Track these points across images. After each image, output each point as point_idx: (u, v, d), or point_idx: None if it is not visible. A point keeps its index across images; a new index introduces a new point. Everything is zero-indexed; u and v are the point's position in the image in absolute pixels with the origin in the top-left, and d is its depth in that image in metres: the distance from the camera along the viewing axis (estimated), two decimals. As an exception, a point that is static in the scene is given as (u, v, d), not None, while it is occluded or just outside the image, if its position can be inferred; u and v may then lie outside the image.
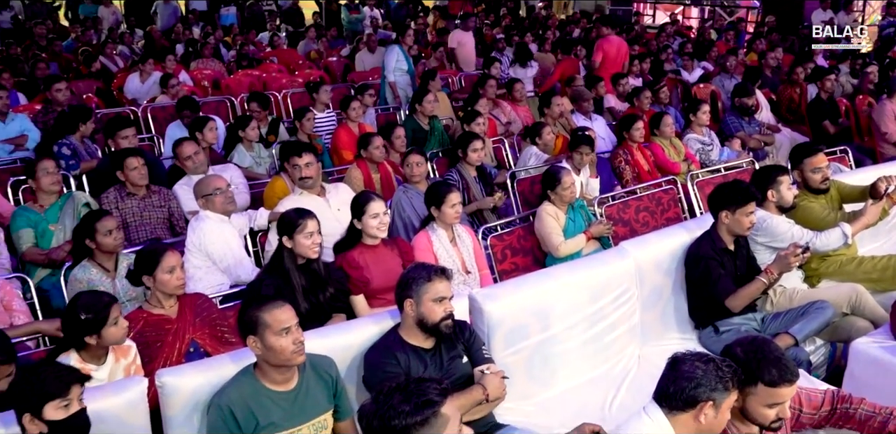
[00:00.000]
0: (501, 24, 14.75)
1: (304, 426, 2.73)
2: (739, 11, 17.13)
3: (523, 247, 4.74)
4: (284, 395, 2.71)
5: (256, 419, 2.63)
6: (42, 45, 10.98)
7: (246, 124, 6.24)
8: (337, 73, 10.63)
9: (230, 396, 2.64)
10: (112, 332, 2.95)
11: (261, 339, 2.63)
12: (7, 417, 2.46)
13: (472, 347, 3.06)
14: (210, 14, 15.35)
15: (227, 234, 4.31)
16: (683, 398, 2.31)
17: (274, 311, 2.64)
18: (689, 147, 6.37)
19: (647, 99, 7.19)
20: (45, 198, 4.67)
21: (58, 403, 2.36)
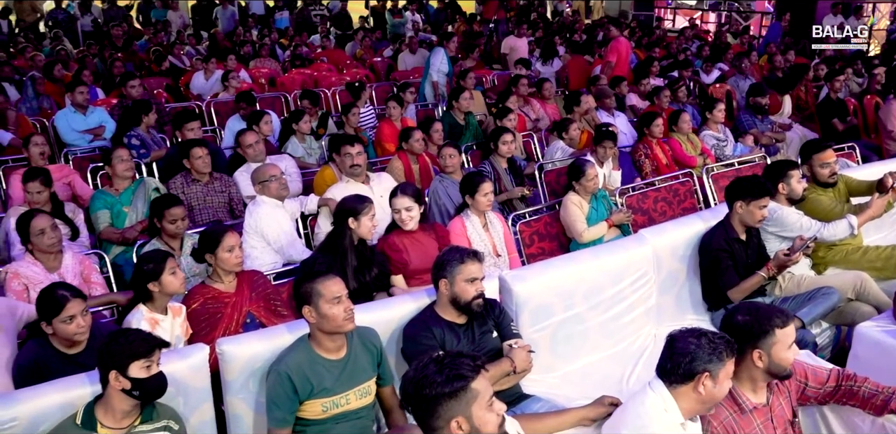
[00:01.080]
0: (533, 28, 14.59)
1: (352, 391, 2.74)
2: (754, 17, 16.75)
3: (549, 233, 4.71)
4: (336, 362, 2.72)
5: (311, 385, 2.65)
6: (118, 46, 11.11)
7: (299, 118, 6.26)
8: (381, 72, 10.61)
9: (288, 364, 2.65)
10: (170, 280, 3.09)
11: (315, 309, 2.64)
12: (93, 376, 2.51)
13: (502, 323, 3.05)
14: (266, 18, 15.39)
15: (281, 218, 4.34)
16: (681, 372, 2.30)
17: (326, 283, 2.65)
18: (705, 142, 6.26)
19: (667, 97, 7.09)
20: (119, 183, 4.73)
21: (142, 363, 2.40)
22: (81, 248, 4.33)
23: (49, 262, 3.68)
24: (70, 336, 2.81)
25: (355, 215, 3.63)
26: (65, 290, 2.84)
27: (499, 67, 10.84)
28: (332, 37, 12.61)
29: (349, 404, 2.74)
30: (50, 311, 2.78)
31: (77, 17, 13.95)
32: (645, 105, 7.56)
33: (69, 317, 2.78)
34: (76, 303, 2.80)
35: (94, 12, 14.79)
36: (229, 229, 3.40)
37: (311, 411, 2.69)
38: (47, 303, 2.80)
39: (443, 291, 2.94)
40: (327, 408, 2.70)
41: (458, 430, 1.92)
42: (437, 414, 1.91)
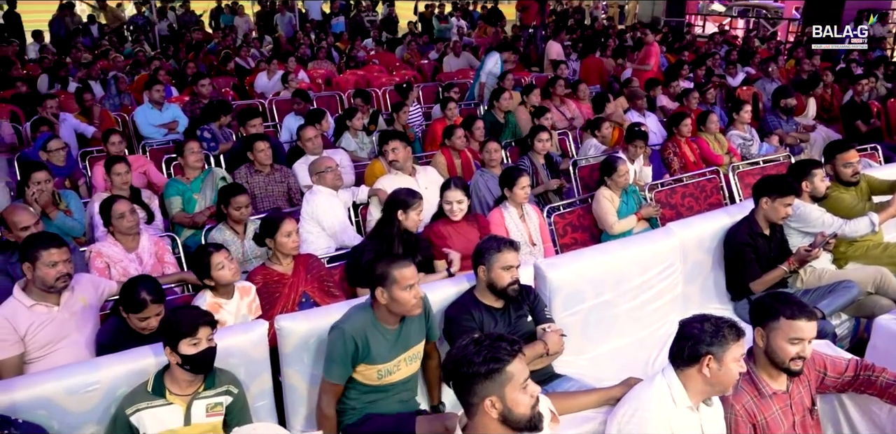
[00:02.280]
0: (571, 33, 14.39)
1: (402, 358, 2.75)
2: (781, 23, 16.24)
3: (582, 224, 4.64)
4: (392, 331, 2.73)
5: (369, 349, 2.66)
6: (191, 48, 11.29)
7: (352, 115, 6.27)
8: (427, 74, 10.58)
9: (353, 325, 2.66)
10: (220, 275, 3.11)
11: (388, 291, 2.63)
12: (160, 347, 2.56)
13: (536, 308, 3.02)
14: (323, 23, 15.48)
15: (335, 206, 4.36)
16: (686, 355, 2.26)
17: (402, 270, 2.63)
18: (732, 142, 6.10)
19: (695, 99, 6.93)
20: (190, 172, 4.80)
21: (188, 341, 2.43)
22: (156, 230, 4.41)
23: (128, 242, 3.75)
24: (140, 330, 2.84)
25: (405, 208, 3.62)
26: (148, 293, 2.80)
27: (537, 70, 10.71)
28: (383, 41, 12.63)
29: (400, 371, 2.75)
30: (131, 307, 2.80)
31: (155, 23, 14.22)
32: (674, 106, 7.39)
33: (146, 317, 2.81)
34: (155, 307, 2.81)
35: (170, 18, 15.06)
36: (287, 216, 3.42)
37: (367, 376, 2.71)
38: (130, 301, 2.80)
39: (481, 277, 2.94)
40: (382, 374, 2.71)
41: (491, 408, 1.90)
42: (472, 391, 1.90)
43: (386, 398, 2.77)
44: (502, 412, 1.90)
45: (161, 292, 2.88)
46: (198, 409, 2.52)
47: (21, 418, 2.30)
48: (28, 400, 2.40)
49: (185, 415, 2.49)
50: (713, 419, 2.36)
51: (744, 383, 2.43)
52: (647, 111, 6.99)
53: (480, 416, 1.92)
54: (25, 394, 2.41)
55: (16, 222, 3.46)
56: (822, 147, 5.55)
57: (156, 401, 2.47)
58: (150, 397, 2.47)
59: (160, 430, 2.46)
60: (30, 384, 2.46)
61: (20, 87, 7.83)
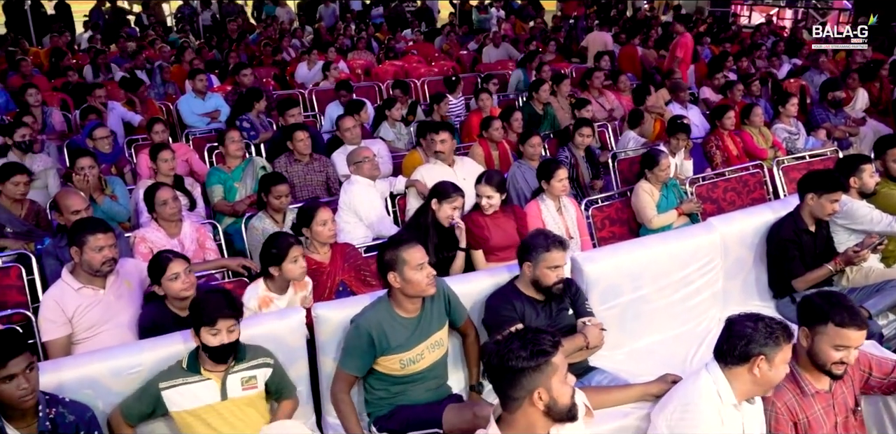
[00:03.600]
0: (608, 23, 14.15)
1: (424, 345, 2.74)
2: (832, 13, 15.71)
3: (620, 218, 4.58)
4: (410, 320, 2.73)
5: (388, 341, 2.67)
6: (233, 39, 11.42)
7: (391, 106, 6.28)
8: (466, 65, 10.52)
9: (369, 319, 2.67)
10: (290, 268, 3.05)
11: (400, 274, 2.64)
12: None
13: (577, 302, 3.00)
14: (364, 14, 15.50)
15: (372, 196, 4.37)
16: (737, 354, 2.22)
17: (410, 250, 2.64)
18: (777, 135, 5.94)
19: (740, 91, 6.76)
20: (231, 161, 4.86)
21: (208, 330, 2.45)
22: (198, 217, 4.49)
23: (171, 228, 3.82)
24: (177, 293, 2.88)
25: (440, 199, 3.63)
26: (167, 252, 2.95)
27: (577, 61, 10.56)
28: (421, 32, 12.59)
29: (424, 360, 2.75)
30: (157, 271, 2.88)
31: (198, 13, 14.42)
32: (718, 98, 7.24)
33: (174, 275, 2.86)
34: (178, 262, 2.88)
35: (213, 8, 15.26)
36: (323, 205, 3.44)
37: (390, 367, 2.72)
38: (154, 265, 2.90)
39: (526, 273, 2.91)
40: (405, 364, 2.71)
41: (538, 400, 1.91)
42: (520, 385, 1.91)
43: (414, 388, 2.78)
44: (548, 403, 1.92)
45: (180, 253, 2.97)
46: (233, 384, 2.56)
47: (68, 397, 2.37)
48: (75, 380, 2.47)
49: (220, 390, 2.53)
50: (754, 417, 2.32)
51: (786, 381, 2.37)
52: (690, 103, 6.86)
53: (525, 408, 1.93)
54: (72, 374, 2.48)
55: (67, 205, 3.57)
56: (871, 141, 5.34)
57: (191, 377, 2.51)
58: (186, 374, 2.52)
59: (198, 405, 2.51)
60: (77, 365, 2.54)
61: (71, 76, 8.03)
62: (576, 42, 11.59)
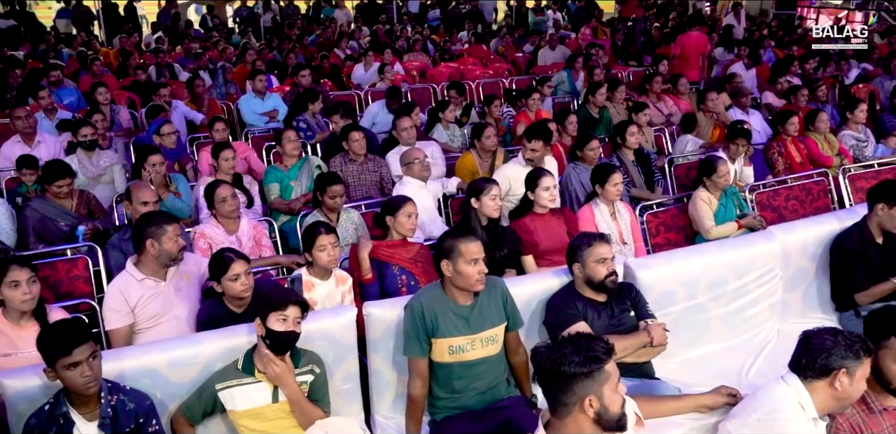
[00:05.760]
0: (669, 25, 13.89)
1: (477, 337, 2.74)
2: (905, 15, 15.04)
3: (676, 224, 4.48)
4: (462, 308, 2.74)
5: (436, 323, 2.69)
6: (293, 40, 11.64)
7: (445, 108, 6.30)
8: (522, 67, 10.47)
9: (421, 302, 2.72)
10: (318, 255, 3.21)
11: (452, 264, 2.66)
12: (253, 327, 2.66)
13: (638, 304, 2.97)
14: (420, 15, 15.60)
15: (423, 197, 4.39)
16: (817, 368, 2.18)
17: (468, 243, 2.67)
18: (844, 143, 5.73)
19: (804, 96, 6.54)
20: (288, 160, 4.94)
21: (277, 315, 2.50)
22: (255, 215, 4.58)
23: (229, 225, 3.92)
24: (236, 293, 2.95)
25: (477, 195, 3.64)
26: (230, 252, 3.00)
27: (634, 64, 10.40)
28: (473, 34, 12.58)
29: (475, 351, 2.74)
30: (219, 270, 2.94)
31: (259, 15, 14.76)
32: (781, 103, 7.01)
33: (235, 275, 2.92)
34: (240, 263, 2.95)
35: (274, 10, 15.60)
36: (411, 199, 3.53)
37: (437, 352, 2.73)
38: (216, 263, 2.97)
39: (577, 274, 2.92)
40: (453, 350, 2.72)
41: (589, 407, 1.89)
42: (571, 391, 1.89)
43: (466, 386, 2.76)
44: (598, 411, 1.89)
45: (242, 254, 3.03)
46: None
47: (128, 385, 2.45)
48: (135, 369, 2.56)
49: (272, 393, 2.58)
50: (823, 434, 2.25)
51: None
52: (751, 108, 6.67)
53: (575, 414, 1.91)
54: (133, 363, 2.57)
55: (138, 197, 3.74)
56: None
57: (245, 379, 2.57)
58: (241, 375, 2.57)
59: (249, 406, 2.57)
60: (137, 354, 2.63)
61: (139, 75, 8.32)
62: (634, 44, 11.41)
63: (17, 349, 2.82)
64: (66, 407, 2.32)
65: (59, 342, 2.24)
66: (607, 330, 2.83)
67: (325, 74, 8.96)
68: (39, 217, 4.06)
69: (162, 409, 2.56)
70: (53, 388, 2.37)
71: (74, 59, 10.00)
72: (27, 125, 5.47)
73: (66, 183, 4.16)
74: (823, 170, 5.21)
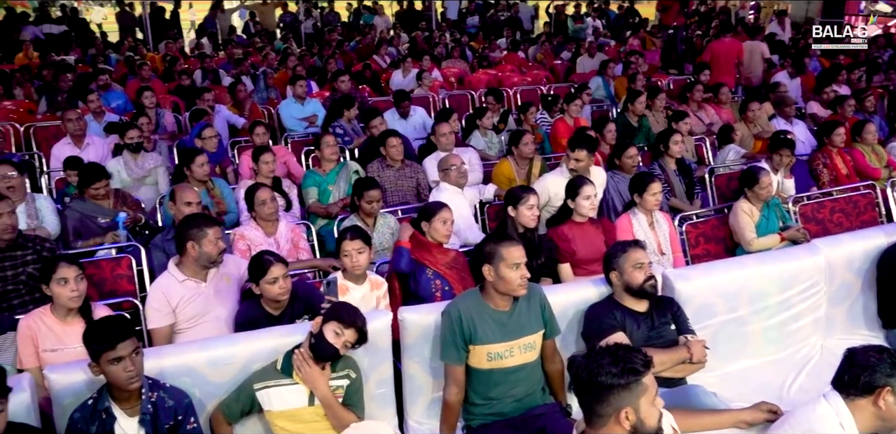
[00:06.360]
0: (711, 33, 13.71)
1: (515, 343, 2.74)
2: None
3: (716, 235, 4.41)
4: (500, 314, 2.74)
5: (474, 329, 2.69)
6: (332, 46, 11.79)
7: (482, 114, 6.31)
8: (560, 74, 10.44)
9: (459, 308, 2.72)
10: (343, 261, 3.26)
11: (494, 269, 2.67)
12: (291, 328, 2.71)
13: (679, 319, 2.94)
14: (459, 22, 15.66)
15: (460, 203, 4.39)
16: (861, 385, 2.12)
17: (510, 248, 2.67)
18: (893, 154, 5.58)
19: (851, 106, 6.39)
20: (326, 164, 5.00)
21: (337, 327, 2.55)
22: (293, 218, 4.64)
23: (268, 227, 3.98)
24: (274, 296, 2.99)
25: (514, 204, 3.63)
26: (270, 255, 3.04)
27: (675, 72, 10.29)
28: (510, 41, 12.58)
29: (513, 357, 2.73)
30: (257, 272, 2.98)
31: (301, 21, 14.99)
32: (827, 113, 6.87)
33: (273, 279, 2.96)
34: (279, 267, 2.98)
35: (315, 17, 15.84)
36: (446, 205, 3.54)
37: (475, 359, 2.73)
38: (256, 266, 3.00)
39: (616, 283, 2.91)
40: (492, 357, 2.71)
41: (625, 419, 1.87)
42: (607, 402, 1.87)
43: (503, 393, 2.75)
44: (634, 424, 1.87)
45: (281, 257, 3.07)
46: None
47: (168, 383, 2.50)
48: (175, 367, 2.61)
49: (308, 395, 2.60)
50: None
51: None
52: (796, 119, 6.54)
53: (610, 426, 1.89)
54: (173, 361, 2.62)
55: (183, 197, 3.84)
56: None
57: (283, 380, 2.60)
58: (279, 376, 2.61)
59: (285, 407, 2.60)
60: (177, 353, 2.68)
61: (183, 80, 8.52)
62: (674, 52, 11.30)
63: (63, 345, 2.90)
64: (108, 402, 2.38)
65: (104, 337, 2.31)
66: (646, 342, 2.80)
67: (365, 80, 9.04)
68: (79, 216, 4.18)
69: (200, 407, 2.61)
70: (97, 384, 2.44)
71: (122, 63, 10.28)
72: (77, 127, 5.64)
73: (103, 185, 4.26)
74: (871, 182, 5.08)
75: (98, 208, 4.24)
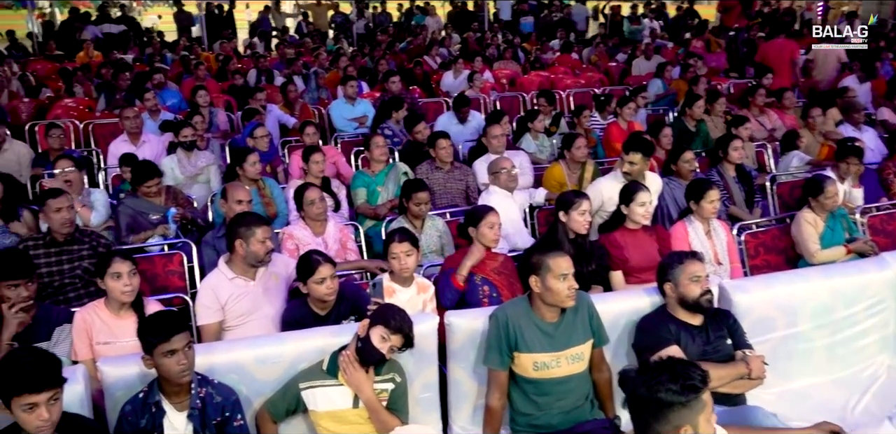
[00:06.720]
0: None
1: (562, 354, 2.73)
2: None
3: (777, 246, 4.29)
4: (548, 325, 2.73)
5: (519, 337, 2.70)
6: (383, 46, 11.92)
7: (534, 117, 6.28)
8: (615, 77, 10.32)
9: (507, 313, 2.74)
10: (391, 263, 3.27)
11: (541, 280, 2.66)
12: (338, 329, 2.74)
13: (736, 333, 2.87)
14: (513, 23, 15.61)
15: (509, 207, 4.38)
16: None
17: (557, 258, 2.67)
18: (970, 165, 5.33)
19: (927, 114, 6.14)
20: (375, 165, 5.06)
21: (383, 331, 2.57)
22: (342, 218, 4.70)
23: (316, 227, 4.04)
24: (321, 296, 3.03)
25: (566, 209, 3.59)
26: (318, 255, 3.09)
27: (736, 76, 10.05)
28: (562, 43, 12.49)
29: (560, 368, 2.72)
30: (306, 271, 3.03)
31: (353, 21, 15.19)
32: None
33: (321, 278, 3.00)
34: (327, 267, 3.02)
35: (367, 17, 16.03)
36: (493, 209, 3.53)
37: (522, 366, 2.72)
38: (304, 265, 3.05)
39: (670, 295, 2.86)
40: (538, 366, 2.71)
41: None
42: (666, 419, 1.84)
43: (550, 404, 2.74)
44: None
45: (329, 257, 3.11)
46: None
47: (216, 380, 2.57)
48: (223, 364, 2.68)
49: (353, 397, 2.63)
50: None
51: None
52: (865, 125, 6.31)
53: None
54: (222, 358, 2.69)
55: (234, 195, 3.94)
56: None
57: (329, 381, 2.63)
58: (325, 377, 2.64)
59: (330, 408, 2.63)
60: (226, 350, 2.75)
61: (236, 79, 8.73)
62: (735, 55, 11.04)
63: (115, 338, 3.01)
64: (158, 396, 2.45)
65: (159, 329, 2.38)
66: (701, 356, 2.74)
67: (416, 81, 9.11)
68: (131, 212, 4.32)
69: (246, 404, 2.66)
70: (149, 377, 2.52)
71: (178, 62, 10.60)
72: (134, 125, 5.84)
73: (155, 183, 4.38)
74: (947, 194, 4.88)
75: (150, 205, 4.37)
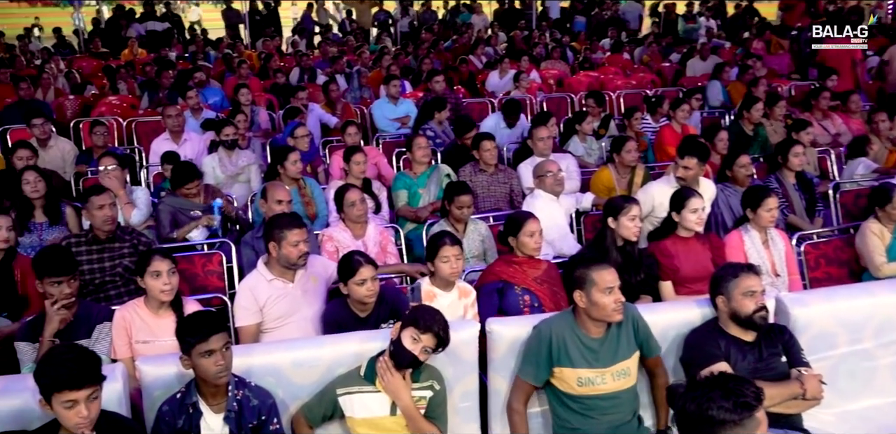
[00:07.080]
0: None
1: (608, 371, 2.70)
2: None
3: (839, 258, 4.18)
4: (593, 340, 2.71)
5: (563, 352, 2.68)
6: (427, 46, 11.97)
7: (582, 119, 6.24)
8: (668, 78, 10.17)
9: (551, 329, 2.72)
10: (441, 267, 3.26)
11: (586, 295, 2.64)
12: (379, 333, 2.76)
13: (792, 349, 2.80)
14: (563, 21, 15.52)
15: (554, 212, 4.36)
16: None
17: (602, 272, 2.64)
18: None
19: None
20: (417, 167, 5.09)
21: (414, 333, 2.57)
22: (382, 221, 4.73)
23: (356, 229, 4.08)
24: (361, 297, 3.06)
25: (615, 214, 3.54)
26: (360, 256, 3.11)
27: (797, 77, 9.82)
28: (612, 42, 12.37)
29: (605, 385, 2.70)
30: (347, 272, 3.05)
31: (397, 19, 15.31)
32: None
33: (362, 280, 3.03)
34: (368, 268, 3.04)
35: (411, 15, 16.14)
36: (533, 216, 3.51)
37: (566, 382, 2.70)
38: (345, 265, 3.08)
39: (722, 309, 2.80)
40: (582, 382, 2.69)
41: None
42: None
43: (595, 419, 2.71)
44: None
45: (371, 259, 3.12)
46: None
47: (253, 382, 2.61)
48: (261, 366, 2.72)
49: (391, 405, 2.64)
50: None
51: None
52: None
53: None
54: (260, 360, 2.73)
55: (274, 195, 4.00)
56: None
57: (366, 387, 2.65)
58: (362, 382, 2.66)
59: (367, 415, 2.65)
60: (264, 352, 2.79)
61: (278, 78, 8.88)
62: (798, 56, 10.78)
63: (154, 337, 3.08)
64: (195, 397, 2.50)
65: (197, 329, 2.43)
66: (753, 374, 2.67)
67: (461, 81, 9.12)
68: (172, 210, 4.41)
69: (282, 407, 2.70)
70: (187, 377, 2.57)
71: (220, 60, 10.83)
72: (176, 123, 5.99)
73: (195, 185, 4.47)
74: None
75: (190, 203, 4.47)
